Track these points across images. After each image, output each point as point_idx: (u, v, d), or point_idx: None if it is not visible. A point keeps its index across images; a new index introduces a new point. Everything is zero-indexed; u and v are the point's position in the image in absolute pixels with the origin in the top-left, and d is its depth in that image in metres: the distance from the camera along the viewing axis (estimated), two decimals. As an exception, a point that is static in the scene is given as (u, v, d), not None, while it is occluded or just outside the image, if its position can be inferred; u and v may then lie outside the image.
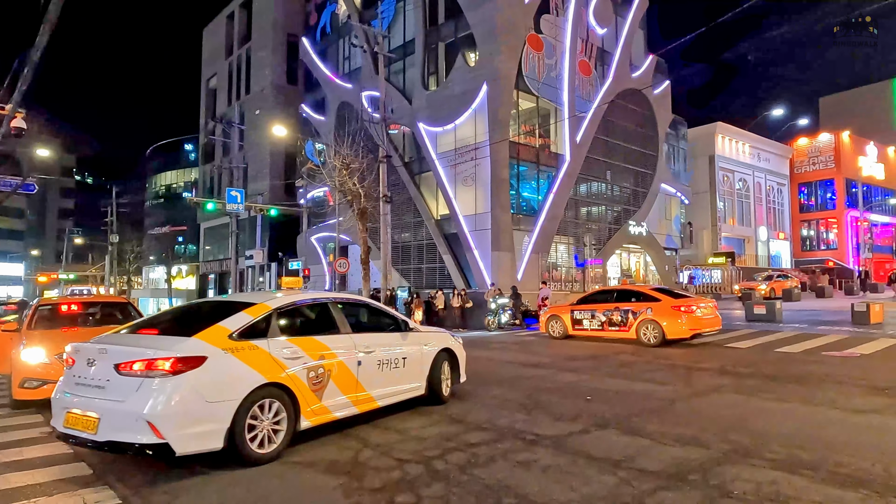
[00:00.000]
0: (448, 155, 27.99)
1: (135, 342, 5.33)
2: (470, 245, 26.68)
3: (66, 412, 5.11)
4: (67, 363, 5.43)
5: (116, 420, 4.82)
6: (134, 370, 4.90)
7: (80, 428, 4.98)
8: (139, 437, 4.73)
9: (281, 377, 5.49)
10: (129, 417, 4.77)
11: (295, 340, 5.84)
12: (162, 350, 4.98)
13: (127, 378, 4.90)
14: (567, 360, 11.98)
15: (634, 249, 35.61)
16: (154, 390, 4.80)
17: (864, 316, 17.62)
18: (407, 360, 7.09)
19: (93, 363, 5.15)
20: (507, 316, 20.75)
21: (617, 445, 5.71)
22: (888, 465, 4.95)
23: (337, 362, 6.10)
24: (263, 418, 5.33)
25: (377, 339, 6.86)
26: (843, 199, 50.89)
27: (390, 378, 6.83)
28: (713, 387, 8.66)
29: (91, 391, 5.06)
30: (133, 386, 4.86)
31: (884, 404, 7.30)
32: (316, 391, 5.83)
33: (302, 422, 5.70)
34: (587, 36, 31.69)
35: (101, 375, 5.04)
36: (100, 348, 5.24)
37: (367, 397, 6.46)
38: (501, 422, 6.69)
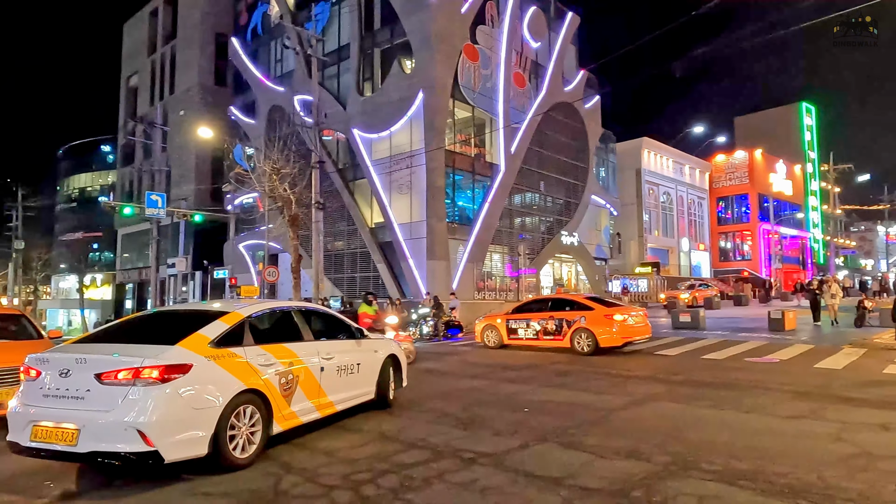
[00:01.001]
0: (383, 162, 27.56)
1: (116, 351, 5.09)
2: (405, 254, 26.31)
3: (33, 426, 4.88)
4: (28, 375, 5.17)
5: (101, 430, 4.69)
6: (119, 379, 4.79)
7: (53, 441, 4.79)
8: (128, 446, 4.66)
9: (257, 383, 5.57)
10: (116, 427, 4.67)
11: (267, 347, 5.93)
12: (149, 358, 4.89)
13: (111, 387, 4.80)
14: (503, 370, 11.80)
15: (567, 259, 36.33)
16: (143, 398, 4.76)
17: (779, 323, 18.54)
18: (361, 366, 7.31)
19: (67, 374, 4.94)
20: (428, 327, 20.20)
21: (557, 461, 5.49)
22: (821, 473, 4.97)
23: (303, 368, 6.24)
24: (242, 424, 5.38)
25: (336, 346, 7.04)
26: (756, 212, 54.17)
27: (347, 383, 7.05)
28: (648, 395, 8.68)
29: (66, 402, 4.87)
30: (119, 395, 4.77)
31: (808, 409, 7.50)
32: (286, 397, 5.96)
33: (274, 427, 5.79)
34: (522, 48, 32.21)
35: (80, 385, 4.86)
36: (77, 358, 5.03)
37: (328, 402, 6.65)
38: (438, 439, 6.34)
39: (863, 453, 5.54)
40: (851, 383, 9.43)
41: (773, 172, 56.75)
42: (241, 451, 5.35)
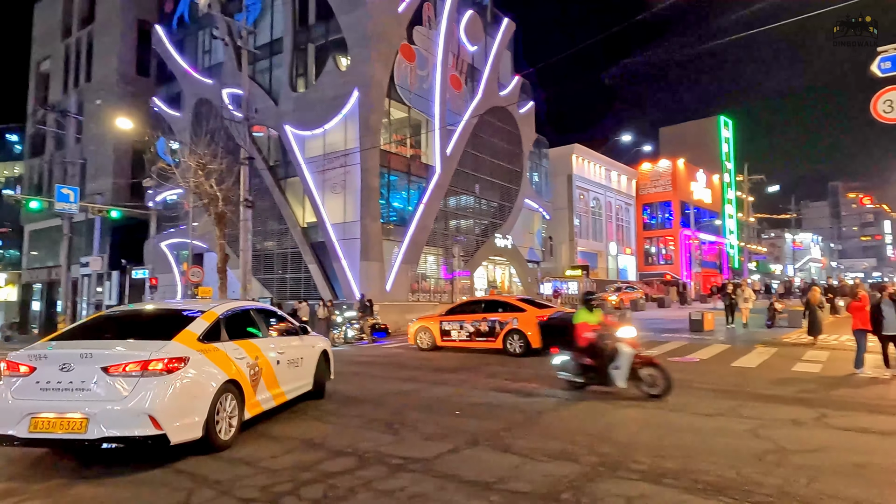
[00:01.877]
0: (316, 160, 26.89)
1: (117, 346, 5.56)
2: (338, 254, 25.75)
3: (32, 418, 5.16)
4: (16, 371, 5.42)
5: (113, 417, 5.10)
6: (127, 371, 5.24)
7: (58, 430, 5.12)
8: (140, 430, 5.14)
9: (235, 374, 6.21)
10: (129, 413, 5.12)
11: (238, 343, 6.58)
12: (154, 352, 5.41)
13: (119, 378, 5.23)
14: (436, 372, 11.68)
15: (500, 261, 36.74)
16: (152, 388, 5.24)
17: (699, 324, 19.44)
18: (304, 360, 8.10)
19: (69, 368, 5.27)
20: (353, 330, 19.74)
21: (488, 465, 5.39)
22: (740, 469, 5.12)
23: (265, 361, 6.92)
24: (225, 410, 5.99)
25: (286, 341, 7.78)
26: (678, 219, 56.89)
27: (295, 375, 7.77)
28: (577, 396, 8.77)
29: (70, 394, 5.21)
30: (128, 385, 5.21)
31: (727, 407, 7.79)
32: (254, 387, 6.61)
33: (245, 413, 6.37)
34: (458, 52, 32.32)
35: (86, 378, 5.23)
36: (82, 353, 5.37)
37: (281, 392, 7.32)
38: (365, 445, 6.11)
39: (777, 449, 5.77)
40: (765, 381, 9.92)
41: (694, 181, 59.78)
42: (224, 434, 5.96)
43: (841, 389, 9.15)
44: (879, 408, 7.74)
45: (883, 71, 11.54)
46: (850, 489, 4.64)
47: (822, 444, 5.94)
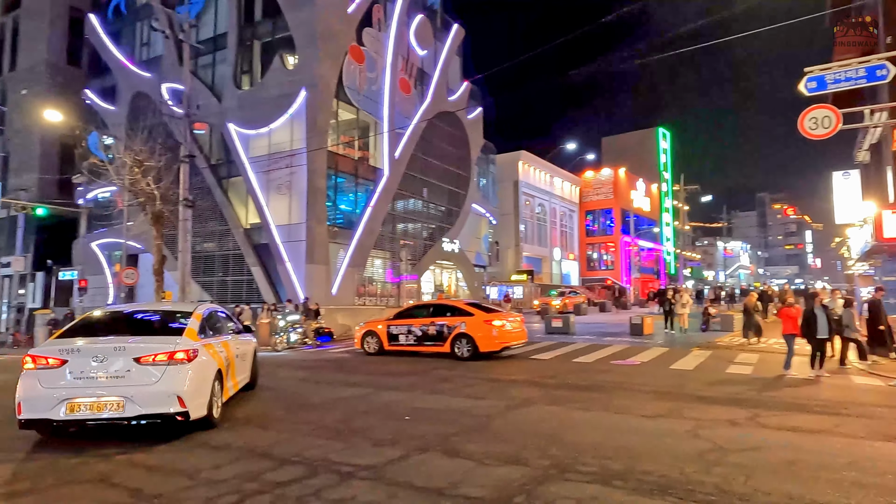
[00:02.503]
0: (261, 160, 26.21)
1: (142, 341, 6.65)
2: (282, 257, 25.16)
3: (68, 403, 6.09)
4: (45, 364, 6.25)
5: (148, 398, 6.22)
6: (156, 361, 6.35)
7: (96, 411, 6.12)
8: (170, 408, 6.29)
9: (220, 364, 7.42)
10: (160, 395, 6.26)
11: (216, 339, 7.75)
12: (177, 345, 6.57)
13: (149, 367, 6.32)
14: (384, 377, 11.56)
15: (447, 266, 36.87)
16: (179, 374, 6.40)
17: (639, 328, 20.08)
18: (247, 356, 9.41)
19: (103, 359, 6.25)
20: (297, 334, 19.16)
21: (439, 470, 5.37)
22: (683, 469, 5.30)
23: (231, 355, 8.10)
24: (216, 394, 7.19)
25: (239, 339, 9.01)
26: (619, 226, 58.72)
27: (244, 368, 9.07)
28: (526, 399, 8.88)
29: (105, 381, 6.20)
30: (158, 372, 6.32)
31: (668, 409, 8.07)
32: (227, 376, 7.79)
33: (221, 399, 7.50)
34: (408, 55, 32.30)
35: (120, 367, 6.25)
36: (116, 346, 6.41)
37: (237, 382, 8.59)
38: (314, 452, 5.97)
39: (716, 448, 6.01)
40: (702, 383, 10.34)
41: (635, 190, 61.89)
42: (216, 413, 7.19)
43: (772, 390, 9.64)
44: (807, 407, 8.20)
45: (809, 90, 12.32)
46: (783, 485, 4.88)
47: (756, 444, 6.23)
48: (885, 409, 8.15)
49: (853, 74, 12.05)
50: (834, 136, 12.34)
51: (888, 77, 11.75)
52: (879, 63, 11.86)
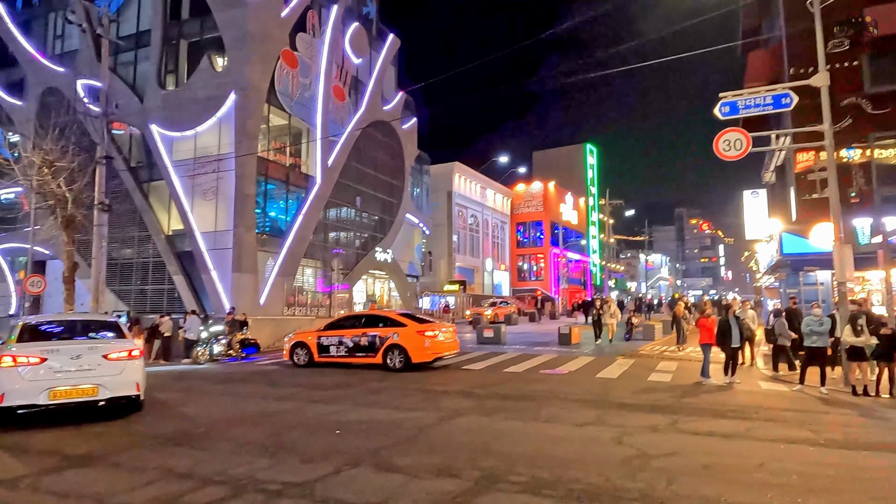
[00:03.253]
0: (186, 164, 25.09)
1: (105, 342, 8.96)
2: (207, 265, 24.11)
3: (50, 391, 7.80)
4: (27, 362, 7.84)
5: (116, 385, 8.28)
6: (119, 357, 8.44)
7: (76, 396, 7.96)
8: (131, 392, 8.50)
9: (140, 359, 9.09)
10: (126, 382, 8.41)
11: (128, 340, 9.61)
12: (132, 345, 8.98)
13: (115, 362, 8.36)
14: (314, 390, 11.28)
15: (380, 275, 36.58)
16: (136, 367, 8.67)
17: (567, 337, 20.63)
18: None
19: (78, 356, 8.09)
20: (220, 346, 18.29)
21: (371, 486, 5.28)
22: (609, 476, 5.47)
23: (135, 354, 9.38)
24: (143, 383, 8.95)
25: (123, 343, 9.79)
26: (548, 238, 60.38)
27: None
28: (458, 410, 8.90)
29: (81, 373, 8.03)
30: (122, 366, 8.42)
31: (594, 416, 8.32)
32: None
33: None
34: (343, 63, 31.98)
35: (92, 362, 8.15)
36: (89, 346, 8.46)
37: None
38: (239, 471, 5.72)
39: (640, 454, 6.24)
40: (626, 390, 10.74)
41: (563, 203, 63.87)
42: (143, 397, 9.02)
43: (690, 397, 10.14)
44: (721, 412, 8.67)
45: (723, 114, 13.17)
46: (701, 488, 5.13)
47: (676, 448, 6.52)
48: (790, 413, 8.75)
49: (761, 101, 12.99)
50: (745, 157, 13.23)
51: (792, 105, 12.75)
52: (784, 92, 12.84)
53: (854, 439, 7.05)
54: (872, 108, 15.51)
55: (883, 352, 10.24)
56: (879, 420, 8.34)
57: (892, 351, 10.25)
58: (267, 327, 23.04)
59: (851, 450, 6.56)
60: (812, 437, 7.10)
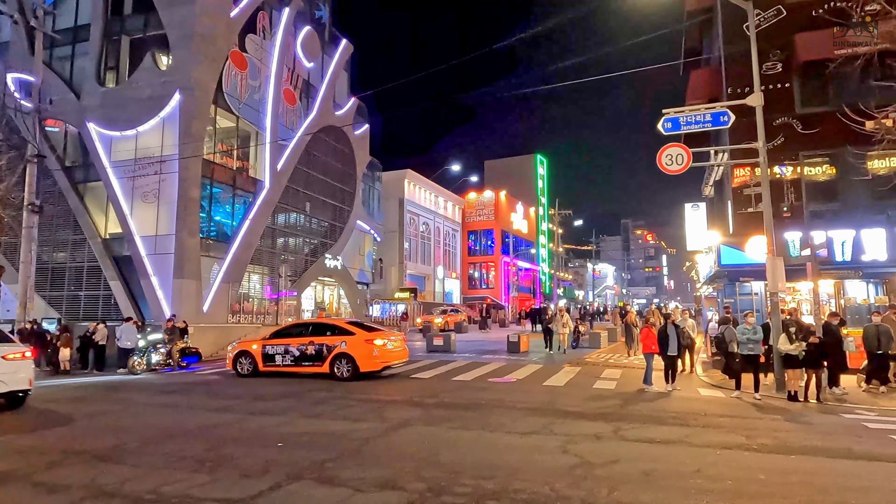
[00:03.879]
0: (126, 165, 24.06)
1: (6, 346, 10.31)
2: (147, 271, 23.14)
3: None
4: None
5: (14, 381, 9.99)
6: (16, 357, 10.12)
7: None
8: (24, 386, 10.21)
9: None
10: (22, 378, 10.14)
11: None
12: (24, 348, 10.64)
13: (13, 362, 10.02)
14: (256, 401, 10.95)
15: (329, 282, 36.03)
16: (27, 366, 10.42)
17: (516, 346, 20.85)
18: None
19: None
20: (158, 355, 17.54)
21: (312, 500, 5.14)
22: (553, 485, 5.51)
23: None
24: None
25: None
26: (499, 246, 61.00)
27: None
28: (404, 420, 8.81)
29: None
30: (18, 365, 10.13)
31: (540, 424, 8.39)
32: None
33: None
34: (294, 66, 31.49)
35: None
36: None
37: None
38: (173, 488, 5.46)
39: (583, 463, 6.32)
40: (572, 398, 10.90)
41: (514, 212, 64.73)
42: None
43: (632, 404, 10.39)
44: (662, 419, 8.91)
45: (666, 130, 13.64)
46: (641, 495, 5.23)
47: (618, 456, 6.64)
48: (725, 419, 9.07)
49: (701, 118, 13.54)
50: (686, 171, 13.74)
51: (729, 122, 13.34)
52: (723, 110, 13.43)
53: (784, 444, 7.37)
54: (802, 128, 16.39)
55: (811, 359, 10.77)
56: (807, 424, 8.75)
57: (820, 358, 10.82)
58: (210, 335, 22.29)
59: (781, 454, 6.84)
60: (746, 443, 7.38)
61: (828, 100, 16.07)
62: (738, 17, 14.60)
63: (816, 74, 15.90)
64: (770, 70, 16.39)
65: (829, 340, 11.18)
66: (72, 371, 17.72)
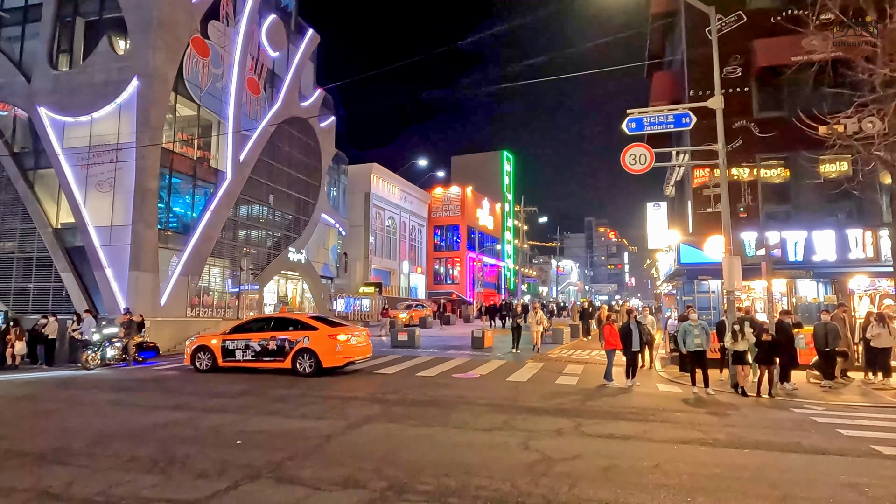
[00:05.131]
0: (79, 152, 23.13)
1: None
2: (101, 262, 22.33)
3: None
4: None
5: None
6: None
7: None
8: None
9: None
10: None
11: None
12: None
13: None
14: (215, 397, 10.69)
15: (293, 276, 35.49)
16: None
17: (480, 341, 20.92)
18: None
19: None
20: (114, 349, 16.95)
21: (270, 501, 5.02)
22: (514, 482, 5.52)
23: None
24: None
25: None
26: (465, 242, 61.16)
27: None
28: (366, 417, 8.73)
29: None
30: None
31: (502, 421, 8.42)
32: None
33: None
34: (258, 55, 30.80)
35: None
36: None
37: None
38: (122, 490, 5.27)
39: (544, 459, 6.36)
40: (534, 394, 10.99)
41: (480, 208, 64.96)
42: None
43: (593, 399, 10.53)
44: (621, 415, 9.06)
45: (630, 130, 13.85)
46: (600, 491, 5.29)
47: (578, 452, 6.72)
48: (682, 414, 9.28)
49: (664, 119, 13.80)
50: (649, 171, 13.99)
51: (691, 124, 13.64)
52: (685, 112, 13.71)
53: (737, 439, 7.57)
54: (760, 132, 16.86)
55: (763, 356, 11.12)
56: (759, 419, 9.02)
57: (772, 355, 11.17)
58: (168, 329, 21.70)
59: (734, 448, 7.03)
60: (701, 437, 7.56)
61: (784, 105, 16.57)
62: (700, 21, 14.91)
63: (774, 80, 16.37)
64: (730, 74, 16.79)
65: (781, 338, 11.55)
66: (20, 366, 17.00)
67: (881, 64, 11.40)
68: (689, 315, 12.10)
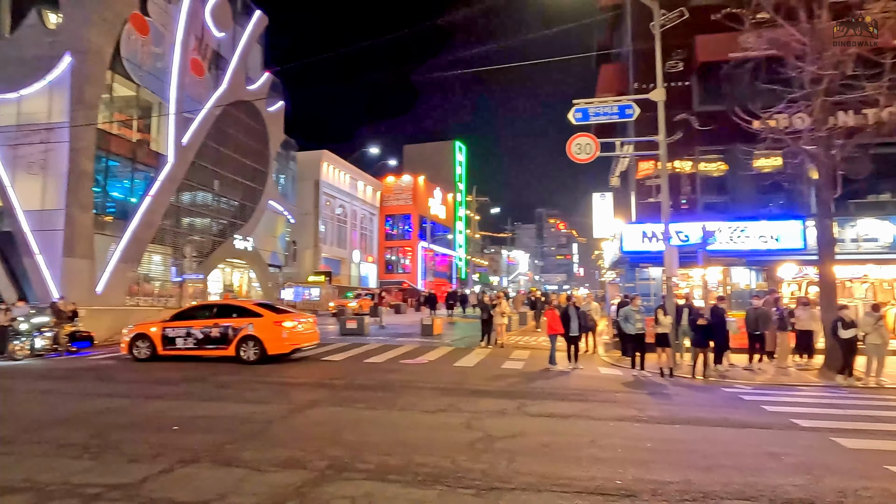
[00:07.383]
0: (6, 131, 21.78)
1: None
2: (31, 248, 21.18)
3: None
4: None
5: None
6: None
7: None
8: None
9: None
10: None
11: None
12: None
13: None
14: (153, 385, 10.37)
15: (239, 264, 34.65)
16: None
17: (429, 329, 21.02)
18: None
19: None
20: (44, 339, 16.12)
21: (208, 482, 4.93)
22: (455, 458, 5.61)
23: None
24: None
25: None
26: (417, 231, 61.11)
27: None
28: (311, 402, 8.66)
29: None
30: None
31: (447, 403, 8.52)
32: None
33: None
34: (203, 35, 29.71)
35: None
36: None
37: None
38: (50, 475, 5.06)
39: (485, 437, 6.49)
40: (480, 378, 11.16)
41: (432, 197, 64.98)
42: None
43: (537, 382, 10.78)
44: (563, 395, 9.31)
45: (577, 119, 14.13)
46: (538, 466, 5.44)
47: (520, 430, 6.88)
48: (621, 395, 9.63)
49: (609, 110, 14.14)
50: (596, 161, 14.33)
51: (634, 115, 14.02)
52: (628, 103, 14.08)
53: (671, 415, 7.92)
54: (700, 125, 17.50)
55: (699, 339, 11.63)
56: (692, 398, 9.46)
57: (707, 339, 11.69)
58: (105, 319, 20.79)
59: (667, 424, 7.36)
60: (637, 415, 7.86)
61: (722, 99, 17.23)
62: (645, 15, 15.29)
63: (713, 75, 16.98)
64: (672, 68, 17.32)
65: (715, 322, 12.09)
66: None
67: (809, 62, 12.00)
68: (635, 301, 12.51)
